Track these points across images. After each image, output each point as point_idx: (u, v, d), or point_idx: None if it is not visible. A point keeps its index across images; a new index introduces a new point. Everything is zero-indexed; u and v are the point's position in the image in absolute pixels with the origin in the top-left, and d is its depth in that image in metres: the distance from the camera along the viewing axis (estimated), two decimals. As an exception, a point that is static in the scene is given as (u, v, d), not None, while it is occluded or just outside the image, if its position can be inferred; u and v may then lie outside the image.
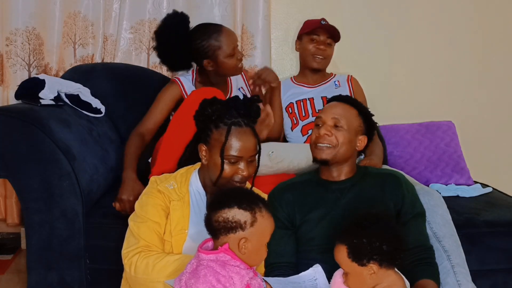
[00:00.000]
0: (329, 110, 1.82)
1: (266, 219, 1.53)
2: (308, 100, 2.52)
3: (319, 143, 1.79)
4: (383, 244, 1.50)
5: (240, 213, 1.50)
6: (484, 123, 3.10)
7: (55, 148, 1.95)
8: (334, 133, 1.78)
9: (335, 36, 2.49)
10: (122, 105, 2.54)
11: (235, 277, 1.44)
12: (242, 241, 1.49)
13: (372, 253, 1.50)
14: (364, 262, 1.51)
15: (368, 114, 1.87)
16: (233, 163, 1.68)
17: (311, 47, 2.50)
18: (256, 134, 1.72)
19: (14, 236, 2.97)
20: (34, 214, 1.97)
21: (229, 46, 2.27)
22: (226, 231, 1.50)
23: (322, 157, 1.79)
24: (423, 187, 2.02)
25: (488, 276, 2.14)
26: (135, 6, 2.83)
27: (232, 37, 2.30)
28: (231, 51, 2.27)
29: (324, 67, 2.55)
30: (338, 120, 1.79)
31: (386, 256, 1.51)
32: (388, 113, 2.91)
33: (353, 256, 1.52)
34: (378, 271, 1.52)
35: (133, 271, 1.62)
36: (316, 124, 1.84)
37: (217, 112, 1.69)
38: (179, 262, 1.60)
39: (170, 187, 1.74)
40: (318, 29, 2.46)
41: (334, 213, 1.77)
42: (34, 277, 2.01)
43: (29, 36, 2.79)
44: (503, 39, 3.07)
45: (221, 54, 2.27)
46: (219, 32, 2.27)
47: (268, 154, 2.04)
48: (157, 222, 1.69)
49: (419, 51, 3.04)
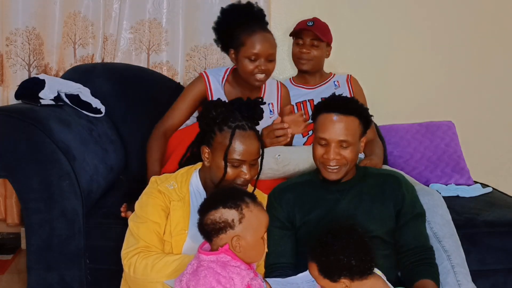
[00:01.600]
0: (333, 131, 1.71)
1: (255, 213, 1.53)
2: (308, 101, 2.52)
3: (328, 165, 1.74)
4: (351, 260, 1.49)
5: (226, 212, 1.50)
6: (484, 123, 3.10)
7: (55, 148, 1.95)
8: (342, 153, 1.72)
9: (324, 37, 2.45)
10: (122, 105, 2.54)
11: (236, 278, 1.44)
12: (234, 239, 1.49)
13: (341, 270, 1.50)
14: (335, 279, 1.51)
15: (366, 114, 1.79)
16: (236, 166, 1.68)
17: (296, 50, 2.50)
18: (259, 137, 1.72)
19: (14, 236, 2.97)
20: (34, 214, 1.97)
21: (253, 49, 2.10)
22: (216, 232, 1.50)
23: (333, 178, 1.76)
24: (423, 187, 2.02)
25: (488, 276, 2.14)
26: (135, 6, 2.83)
27: (263, 44, 2.11)
28: (251, 55, 2.10)
29: (312, 68, 2.51)
30: (345, 140, 1.72)
31: (355, 270, 1.50)
32: (388, 113, 2.91)
33: (324, 273, 1.52)
34: (351, 284, 1.51)
35: (132, 272, 1.62)
36: (319, 143, 1.75)
37: (221, 115, 1.69)
38: (178, 263, 1.60)
39: (171, 187, 1.74)
40: (303, 31, 2.45)
41: (334, 214, 1.76)
42: (34, 277, 2.01)
43: (29, 36, 2.79)
44: (503, 39, 3.07)
45: (243, 51, 2.13)
46: (256, 32, 2.13)
47: (275, 157, 2.03)
48: (157, 223, 1.69)
49: (419, 51, 3.04)
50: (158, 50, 2.88)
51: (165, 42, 2.87)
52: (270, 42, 2.14)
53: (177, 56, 2.88)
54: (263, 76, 2.14)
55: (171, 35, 2.87)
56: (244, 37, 2.12)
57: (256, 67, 2.12)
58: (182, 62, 2.89)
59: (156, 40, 2.87)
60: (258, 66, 2.12)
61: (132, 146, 2.50)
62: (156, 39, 2.87)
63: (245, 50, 2.12)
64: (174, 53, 2.88)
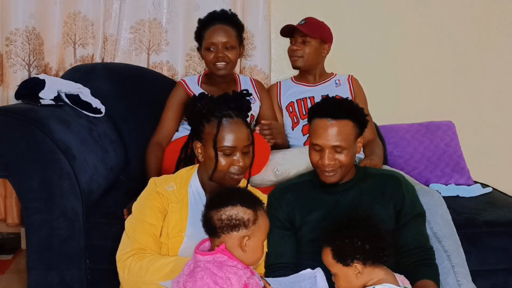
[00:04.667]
0: (326, 137, 1.71)
1: (265, 218, 1.57)
2: (309, 99, 2.52)
3: (324, 170, 1.75)
4: (365, 244, 1.53)
5: (243, 211, 1.51)
6: (484, 123, 3.10)
7: (55, 148, 1.95)
8: (337, 157, 1.73)
9: (314, 33, 2.46)
10: (122, 105, 2.54)
11: (233, 277, 1.45)
12: (246, 238, 1.51)
13: (354, 253, 1.54)
14: (348, 262, 1.55)
15: (361, 115, 1.78)
16: (228, 154, 1.68)
17: (289, 48, 2.54)
18: (247, 124, 1.73)
19: (14, 236, 2.97)
20: (34, 214, 1.97)
21: (209, 39, 2.27)
22: (229, 229, 1.50)
23: (331, 181, 1.77)
24: (423, 187, 2.02)
25: (488, 276, 2.14)
26: (135, 6, 2.83)
27: (217, 33, 2.28)
28: (208, 45, 2.27)
29: (305, 65, 2.51)
30: (338, 145, 1.72)
31: (369, 255, 1.54)
32: (388, 113, 2.92)
33: (337, 257, 1.56)
34: (363, 270, 1.55)
35: (127, 274, 1.62)
36: (314, 148, 1.75)
37: (206, 106, 1.71)
38: (173, 264, 1.60)
39: (170, 188, 1.74)
40: (294, 29, 2.49)
41: (334, 215, 1.76)
42: (34, 277, 2.01)
43: (29, 36, 2.79)
44: (503, 39, 3.07)
45: (203, 45, 2.30)
46: (213, 25, 2.29)
47: (274, 171, 2.07)
48: (154, 225, 1.69)
49: (419, 51, 3.04)
50: (158, 50, 2.88)
51: (165, 42, 2.87)
52: (226, 31, 2.29)
53: (177, 56, 2.88)
54: (223, 64, 2.29)
55: (171, 35, 2.87)
56: (204, 32, 2.30)
57: (214, 56, 2.27)
58: (182, 62, 2.89)
59: (156, 40, 2.87)
60: (215, 55, 2.27)
61: (132, 146, 2.50)
62: (156, 39, 2.87)
63: (204, 43, 2.30)
64: (174, 53, 2.88)
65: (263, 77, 2.91)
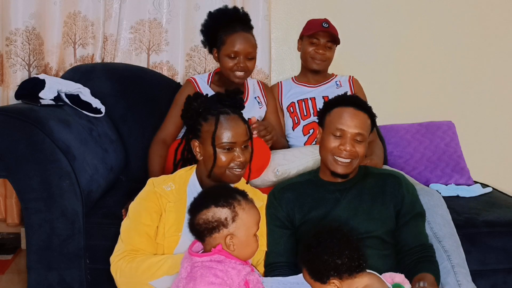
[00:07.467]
0: (351, 122, 1.75)
1: (248, 210, 1.54)
2: (310, 99, 2.52)
3: (340, 157, 1.75)
4: (336, 259, 1.49)
5: (219, 211, 1.50)
6: (484, 123, 3.10)
7: (55, 148, 1.95)
8: (356, 146, 1.75)
9: (336, 40, 2.48)
10: (122, 105, 2.54)
11: (232, 271, 1.44)
12: (228, 238, 1.50)
13: (327, 271, 1.50)
14: (324, 280, 1.51)
15: (374, 115, 1.84)
16: (228, 150, 1.68)
17: (310, 50, 2.49)
18: (244, 120, 1.74)
19: (14, 236, 2.97)
20: (34, 214, 1.97)
21: (232, 47, 2.21)
22: (209, 231, 1.50)
23: (341, 172, 1.77)
24: (423, 187, 2.03)
25: (488, 276, 2.14)
26: (135, 6, 2.83)
27: (242, 43, 2.23)
28: (230, 52, 2.22)
29: (323, 68, 2.55)
30: (360, 133, 1.74)
31: (342, 269, 1.50)
32: (388, 113, 2.91)
33: (313, 276, 1.53)
34: (341, 284, 1.51)
35: (119, 276, 1.63)
36: (334, 134, 1.76)
37: (202, 105, 1.71)
38: (162, 263, 1.60)
39: (168, 188, 1.73)
40: (319, 32, 2.46)
41: (334, 214, 1.77)
42: (34, 277, 2.01)
43: (29, 36, 2.79)
44: (503, 39, 3.07)
45: (224, 49, 2.24)
46: (236, 32, 2.24)
47: (274, 172, 2.07)
48: (149, 225, 1.69)
49: (419, 51, 3.04)
50: (158, 50, 2.88)
51: (165, 42, 2.87)
52: (249, 41, 2.26)
53: (177, 56, 2.88)
54: (242, 73, 2.26)
55: (171, 35, 2.87)
56: (225, 36, 2.24)
57: (235, 64, 2.24)
58: (182, 62, 2.89)
59: (156, 40, 2.87)
60: (237, 64, 2.24)
61: (132, 146, 2.50)
62: (156, 39, 2.87)
63: (225, 48, 2.24)
64: (174, 53, 2.88)
65: (263, 77, 2.91)
